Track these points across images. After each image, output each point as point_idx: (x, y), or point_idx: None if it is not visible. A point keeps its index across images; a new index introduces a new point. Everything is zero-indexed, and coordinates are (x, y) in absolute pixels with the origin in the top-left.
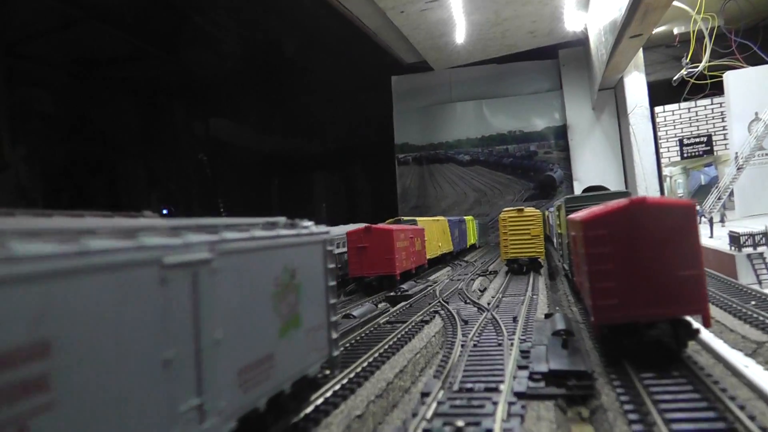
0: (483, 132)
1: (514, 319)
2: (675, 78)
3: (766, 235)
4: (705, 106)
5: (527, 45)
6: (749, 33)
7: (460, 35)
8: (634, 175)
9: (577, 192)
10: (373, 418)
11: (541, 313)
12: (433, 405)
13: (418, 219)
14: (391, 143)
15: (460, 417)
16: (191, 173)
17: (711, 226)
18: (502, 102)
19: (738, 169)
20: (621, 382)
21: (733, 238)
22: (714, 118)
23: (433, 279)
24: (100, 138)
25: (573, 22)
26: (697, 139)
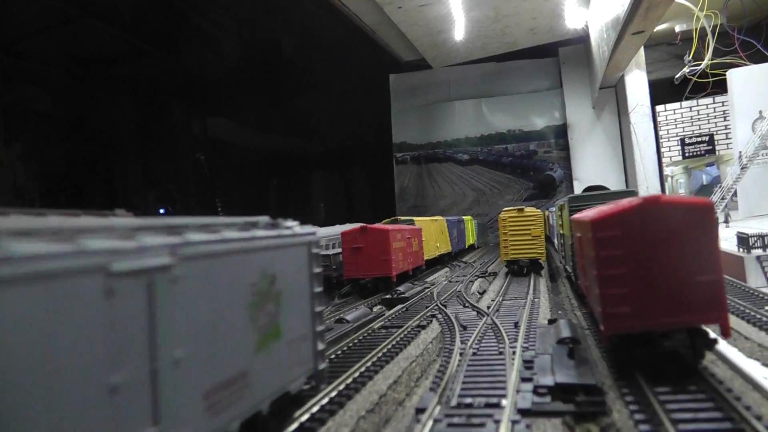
0: (482, 131)
1: (515, 325)
2: (677, 76)
3: None
4: (707, 105)
5: (527, 42)
6: (752, 31)
7: (459, 32)
8: (635, 175)
9: (578, 192)
10: None
11: (544, 318)
12: (429, 423)
13: (415, 219)
14: (390, 142)
15: None
16: (189, 173)
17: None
18: (501, 100)
19: (742, 169)
20: (634, 397)
21: (742, 239)
22: (716, 117)
23: (431, 281)
24: (97, 137)
25: (574, 18)
26: (699, 139)
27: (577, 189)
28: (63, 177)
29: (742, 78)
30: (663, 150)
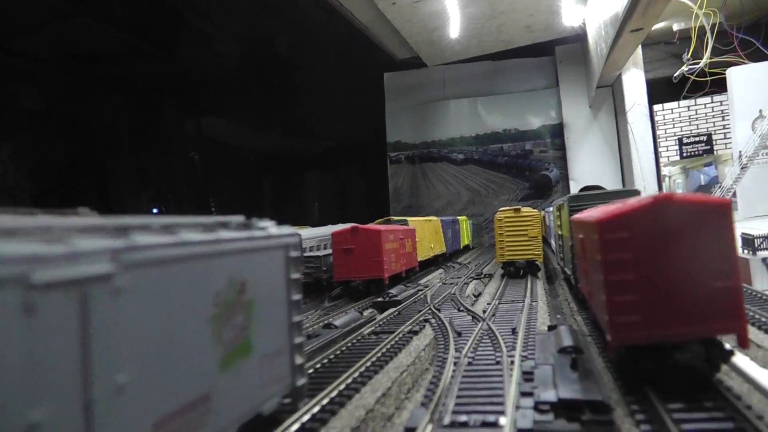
0: (477, 130)
1: (513, 331)
2: (676, 74)
3: None
4: (705, 104)
5: (523, 40)
6: (751, 29)
7: (454, 29)
8: (632, 175)
9: (574, 192)
10: None
11: (542, 323)
12: None
13: (409, 219)
14: (384, 142)
15: None
16: (183, 172)
17: None
18: (496, 99)
19: (742, 168)
20: (645, 415)
21: (747, 240)
22: (714, 116)
23: (425, 283)
24: (90, 136)
25: (571, 16)
26: (697, 138)
27: (574, 189)
28: (55, 176)
29: (741, 76)
30: (660, 150)
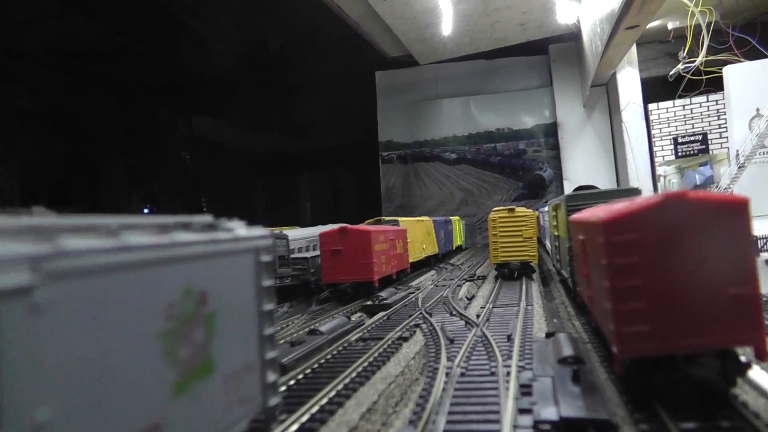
0: (470, 129)
1: (508, 338)
2: (672, 72)
3: None
4: (700, 103)
5: (517, 38)
6: (747, 28)
7: (446, 26)
8: (626, 175)
9: (568, 192)
10: None
11: (539, 328)
12: None
13: (400, 219)
14: (376, 141)
15: None
16: (174, 172)
17: None
18: (490, 99)
19: (739, 168)
20: None
21: None
22: (709, 116)
23: (416, 285)
24: (80, 135)
25: (565, 13)
26: (692, 138)
27: (568, 189)
28: (45, 175)
29: (738, 75)
30: (655, 149)
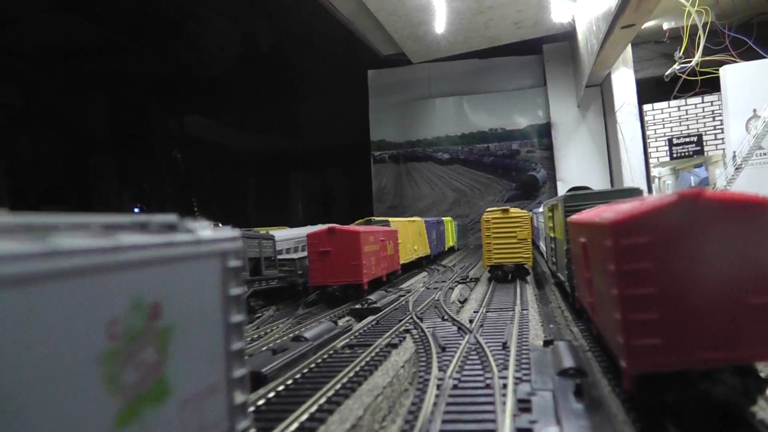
0: (463, 129)
1: (504, 346)
2: (667, 73)
3: None
4: (695, 104)
5: (511, 37)
6: (742, 28)
7: (440, 24)
8: (621, 176)
9: (561, 193)
10: None
11: (535, 335)
12: None
13: (391, 220)
14: (368, 141)
15: None
16: (165, 171)
17: None
18: (483, 98)
19: (736, 170)
20: None
21: None
22: (705, 117)
23: (407, 287)
24: (70, 133)
25: (560, 12)
26: (687, 139)
27: (561, 190)
28: (34, 174)
29: (735, 75)
30: (650, 150)
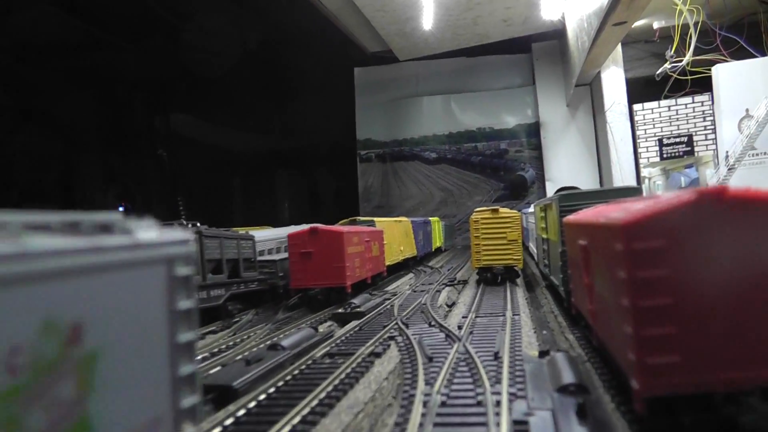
0: (451, 128)
1: (495, 356)
2: (659, 72)
3: None
4: (686, 104)
5: (500, 35)
6: (733, 28)
7: (427, 20)
8: (610, 176)
9: (550, 193)
10: None
11: (528, 342)
12: None
13: (377, 220)
14: (354, 140)
15: None
16: (150, 169)
17: None
18: (471, 97)
19: (729, 170)
20: None
21: None
22: (695, 117)
23: (393, 290)
24: (54, 130)
25: (550, 9)
26: (678, 139)
27: (550, 190)
28: (17, 172)
29: (727, 74)
30: (640, 150)
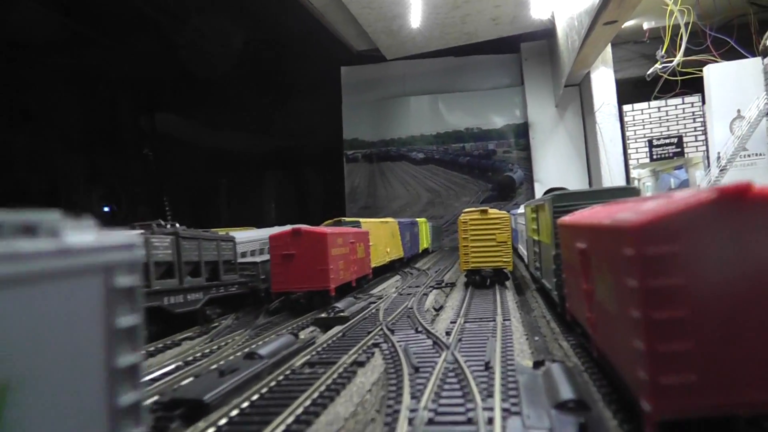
0: (438, 128)
1: (486, 366)
2: (649, 72)
3: None
4: (676, 105)
5: (488, 34)
6: (723, 29)
7: (415, 18)
8: (599, 177)
9: (539, 194)
10: None
11: (520, 350)
12: None
13: (363, 221)
14: (341, 140)
15: None
16: (136, 170)
17: None
18: (459, 97)
19: (721, 171)
20: None
21: None
22: (685, 118)
23: (378, 293)
24: (37, 129)
25: (539, 8)
26: (668, 140)
27: (538, 191)
28: None
29: (719, 75)
30: (630, 151)
